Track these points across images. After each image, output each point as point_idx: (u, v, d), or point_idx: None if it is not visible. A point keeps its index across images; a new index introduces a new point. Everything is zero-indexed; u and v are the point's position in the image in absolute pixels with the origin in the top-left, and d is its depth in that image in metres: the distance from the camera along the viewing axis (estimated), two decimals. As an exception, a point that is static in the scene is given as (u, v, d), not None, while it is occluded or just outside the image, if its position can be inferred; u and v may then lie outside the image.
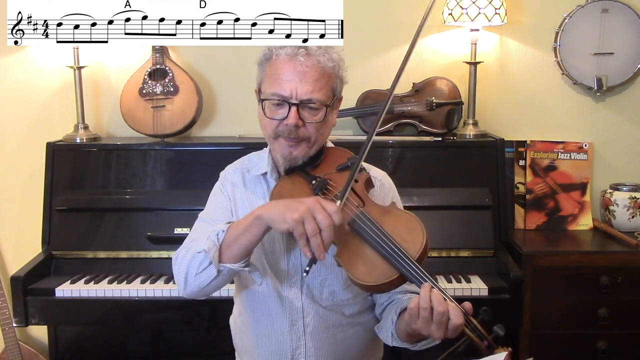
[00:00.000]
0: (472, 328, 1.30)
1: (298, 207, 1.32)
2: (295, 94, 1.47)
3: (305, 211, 1.31)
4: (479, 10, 2.53)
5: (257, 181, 1.65)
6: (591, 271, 2.36)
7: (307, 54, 1.48)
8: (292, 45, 1.50)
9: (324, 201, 1.35)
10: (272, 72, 1.50)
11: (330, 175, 1.54)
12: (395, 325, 1.50)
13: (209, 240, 1.44)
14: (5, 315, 2.65)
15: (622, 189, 2.70)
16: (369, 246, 1.40)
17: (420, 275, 1.34)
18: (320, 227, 1.31)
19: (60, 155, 2.57)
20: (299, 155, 1.53)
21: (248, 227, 1.41)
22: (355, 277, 1.37)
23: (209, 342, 2.58)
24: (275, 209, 1.38)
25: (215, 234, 1.44)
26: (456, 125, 2.69)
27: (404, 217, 1.46)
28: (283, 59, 1.48)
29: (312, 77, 1.47)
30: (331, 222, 1.32)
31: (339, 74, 1.55)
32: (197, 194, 2.39)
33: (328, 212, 1.32)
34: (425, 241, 1.38)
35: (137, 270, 2.42)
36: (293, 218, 1.31)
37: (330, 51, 1.52)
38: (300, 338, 1.59)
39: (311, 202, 1.34)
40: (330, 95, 1.52)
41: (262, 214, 1.39)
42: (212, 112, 2.86)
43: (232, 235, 1.43)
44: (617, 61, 2.70)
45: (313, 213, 1.32)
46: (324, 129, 1.55)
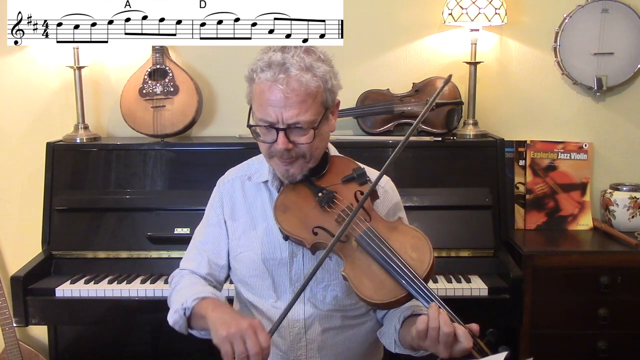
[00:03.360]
0: (478, 349, 1.29)
1: (229, 326, 1.31)
2: (281, 119, 1.42)
3: (233, 332, 1.29)
4: (479, 10, 2.53)
5: (258, 189, 1.63)
6: (591, 271, 2.35)
7: (288, 77, 1.39)
8: (274, 65, 1.40)
9: (260, 329, 1.31)
10: (257, 95, 1.45)
11: (336, 187, 1.52)
12: (398, 333, 1.49)
13: (177, 314, 1.49)
14: (5, 315, 2.65)
15: (622, 189, 2.70)
16: (375, 263, 1.39)
17: (428, 294, 1.34)
18: (248, 354, 1.28)
19: (60, 155, 2.56)
20: (296, 172, 1.51)
21: (201, 316, 1.45)
22: (362, 294, 1.37)
23: (209, 342, 2.56)
24: (216, 318, 1.37)
25: (183, 310, 1.48)
26: (456, 125, 2.69)
27: (410, 233, 1.45)
28: (265, 84, 1.41)
29: (295, 101, 1.40)
30: (258, 352, 1.28)
31: (327, 87, 1.45)
32: (197, 194, 2.39)
33: (260, 341, 1.29)
34: (433, 260, 1.37)
35: (137, 270, 2.42)
36: (220, 335, 1.31)
37: (315, 66, 1.43)
38: (301, 340, 1.58)
39: (244, 325, 1.30)
40: (319, 111, 1.45)
41: (208, 316, 1.41)
42: (212, 112, 2.86)
43: (195, 313, 1.47)
44: (617, 61, 2.70)
45: (243, 337, 1.29)
46: (319, 142, 1.49)
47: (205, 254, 1.64)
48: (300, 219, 1.49)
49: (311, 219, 1.49)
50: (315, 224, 1.48)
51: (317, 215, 1.48)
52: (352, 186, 1.52)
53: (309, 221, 1.48)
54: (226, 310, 1.43)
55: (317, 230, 1.47)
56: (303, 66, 1.41)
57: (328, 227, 1.47)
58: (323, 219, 1.48)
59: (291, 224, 1.49)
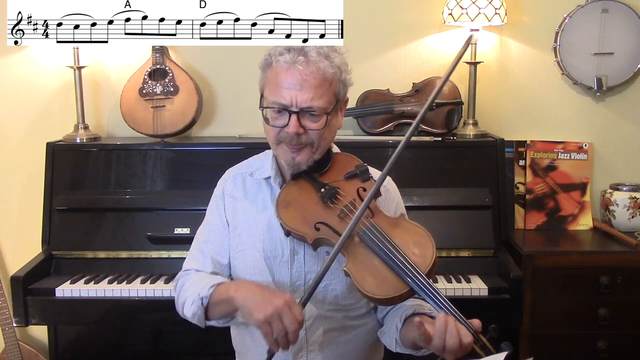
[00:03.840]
0: (480, 345, 1.30)
1: (266, 308, 1.33)
2: (295, 102, 1.44)
3: (271, 314, 1.32)
4: (479, 10, 2.53)
5: (260, 186, 1.63)
6: (591, 271, 2.36)
7: (307, 61, 1.44)
8: (293, 49, 1.46)
9: (292, 304, 1.34)
10: (272, 79, 1.48)
11: (338, 183, 1.52)
12: (400, 332, 1.49)
13: (194, 305, 1.51)
14: (5, 315, 2.65)
15: (622, 189, 2.70)
16: (378, 259, 1.39)
17: (430, 290, 1.34)
18: (286, 330, 1.32)
19: (60, 155, 2.56)
20: (302, 161, 1.51)
21: (224, 301, 1.46)
22: (364, 289, 1.37)
23: (209, 342, 2.58)
24: (246, 300, 1.40)
25: (200, 300, 1.50)
26: (456, 125, 2.69)
27: (413, 229, 1.45)
28: (282, 67, 1.45)
29: (312, 84, 1.44)
30: (297, 328, 1.33)
31: (341, 78, 1.51)
32: (197, 194, 2.40)
33: (295, 316, 1.33)
34: (435, 256, 1.38)
35: (137, 270, 2.42)
36: (258, 319, 1.33)
37: (332, 55, 1.48)
38: (302, 340, 1.58)
39: (279, 304, 1.33)
40: (332, 100, 1.49)
41: (234, 297, 1.42)
42: (212, 112, 2.86)
43: (214, 301, 1.49)
44: (617, 61, 2.70)
45: (280, 316, 1.32)
46: (328, 134, 1.52)
47: (208, 253, 1.64)
48: (302, 214, 1.49)
49: (313, 215, 1.49)
50: (318, 219, 1.48)
51: (320, 211, 1.49)
52: (354, 182, 1.52)
53: (311, 217, 1.48)
54: (251, 288, 1.44)
55: (319, 225, 1.47)
56: (322, 52, 1.46)
57: (330, 223, 1.47)
58: (325, 214, 1.48)
59: (293, 220, 1.50)
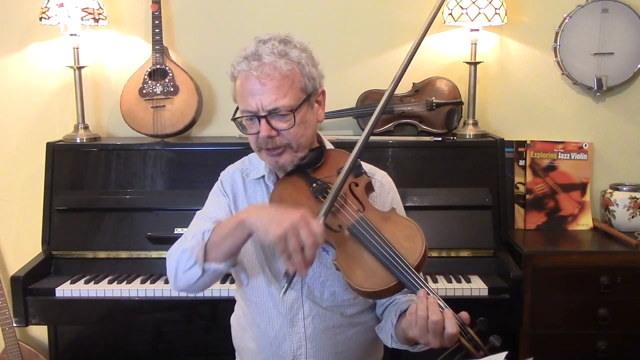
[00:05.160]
0: (468, 338, 1.29)
1: (282, 222, 1.30)
2: (261, 106, 1.45)
3: (288, 227, 1.29)
4: (479, 10, 2.53)
5: (257, 184, 1.64)
6: (591, 271, 2.35)
7: (261, 64, 1.44)
8: (249, 56, 1.45)
9: (309, 218, 1.32)
10: (238, 89, 1.50)
11: (330, 178, 1.53)
12: (394, 327, 1.50)
13: (194, 239, 1.44)
14: (5, 315, 2.65)
15: (622, 189, 2.70)
16: (367, 252, 1.40)
17: (418, 283, 1.34)
18: (303, 245, 1.30)
19: (60, 155, 2.56)
20: (286, 163, 1.52)
21: (232, 229, 1.41)
22: (353, 282, 1.37)
23: (209, 342, 2.58)
24: (259, 218, 1.36)
25: (201, 233, 1.44)
26: (456, 125, 2.69)
27: (403, 223, 1.46)
28: (243, 75, 1.47)
29: (271, 85, 1.44)
30: (315, 241, 1.30)
31: (304, 72, 1.48)
32: (197, 194, 2.38)
33: (313, 230, 1.30)
34: (425, 249, 1.38)
35: (137, 270, 2.42)
36: (275, 234, 1.29)
37: (289, 52, 1.47)
38: (301, 339, 1.58)
39: (296, 217, 1.30)
40: (299, 96, 1.48)
41: (245, 219, 1.38)
42: (212, 112, 2.85)
43: (218, 235, 1.43)
44: (617, 61, 2.70)
45: (297, 230, 1.29)
46: (305, 130, 1.51)
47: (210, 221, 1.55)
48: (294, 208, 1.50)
49: (305, 209, 1.49)
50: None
51: (312, 206, 1.49)
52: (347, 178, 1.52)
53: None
54: (263, 207, 1.44)
55: None
56: (276, 52, 1.45)
57: None
58: (317, 208, 1.48)
59: None
